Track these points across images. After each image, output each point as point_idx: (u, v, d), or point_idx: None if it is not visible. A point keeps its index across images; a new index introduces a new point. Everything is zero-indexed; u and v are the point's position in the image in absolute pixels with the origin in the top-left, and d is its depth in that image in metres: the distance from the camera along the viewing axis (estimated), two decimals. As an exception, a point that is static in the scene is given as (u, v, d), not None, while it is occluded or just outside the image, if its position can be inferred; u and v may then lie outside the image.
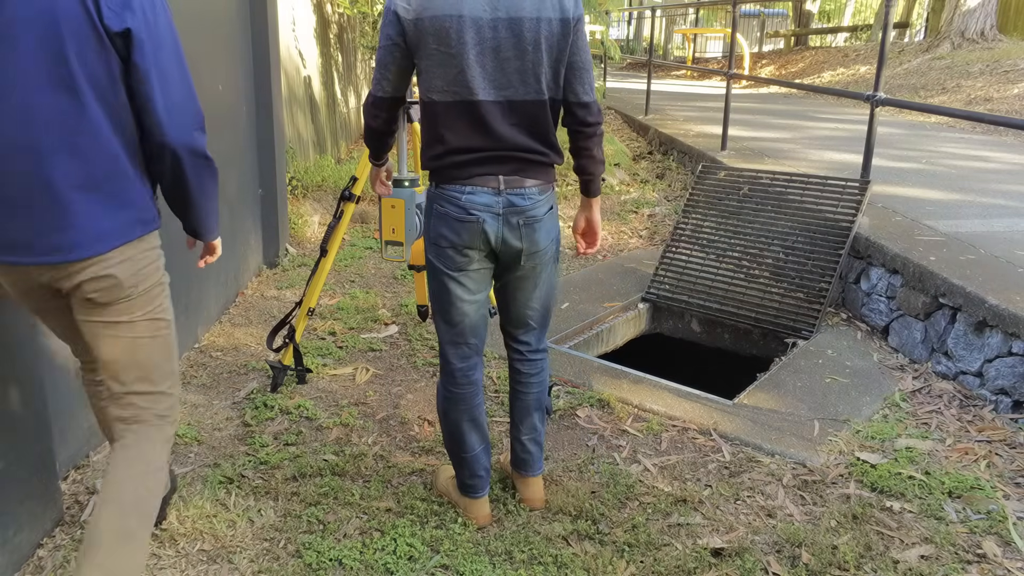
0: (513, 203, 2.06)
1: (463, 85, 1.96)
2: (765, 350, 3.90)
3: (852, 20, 21.85)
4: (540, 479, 2.43)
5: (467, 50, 1.93)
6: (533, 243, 2.11)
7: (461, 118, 2.00)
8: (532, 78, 1.99)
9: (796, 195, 4.26)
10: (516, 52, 1.96)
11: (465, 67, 1.94)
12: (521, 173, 2.06)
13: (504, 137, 2.02)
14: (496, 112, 2.00)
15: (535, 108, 2.03)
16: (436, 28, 1.92)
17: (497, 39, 1.94)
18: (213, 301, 3.69)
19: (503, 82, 1.98)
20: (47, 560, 2.10)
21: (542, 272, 2.19)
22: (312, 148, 6.54)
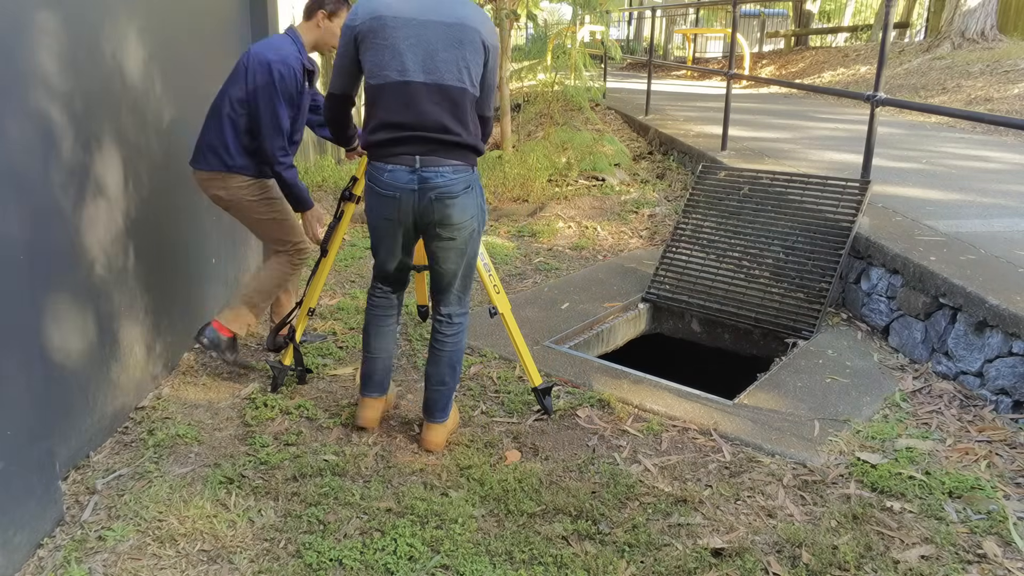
0: (428, 179, 2.37)
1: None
2: (765, 350, 3.90)
3: (852, 20, 21.85)
4: (439, 427, 2.71)
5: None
6: (447, 218, 2.42)
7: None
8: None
9: (796, 195, 4.26)
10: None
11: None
12: (437, 153, 2.37)
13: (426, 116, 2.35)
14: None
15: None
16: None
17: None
18: (214, 301, 3.69)
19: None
20: (47, 560, 2.10)
21: (462, 244, 2.49)
22: (312, 148, 6.54)
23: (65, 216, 2.38)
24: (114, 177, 2.67)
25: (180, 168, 3.25)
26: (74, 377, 2.44)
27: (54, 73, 2.29)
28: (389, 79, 2.33)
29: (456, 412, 2.86)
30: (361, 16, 2.34)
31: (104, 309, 2.62)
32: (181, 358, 3.32)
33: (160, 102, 3.05)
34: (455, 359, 2.69)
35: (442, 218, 2.43)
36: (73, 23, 2.40)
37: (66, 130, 2.36)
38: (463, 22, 2.34)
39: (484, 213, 2.54)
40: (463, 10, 2.36)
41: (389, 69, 2.33)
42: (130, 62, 2.78)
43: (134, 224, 2.82)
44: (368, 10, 2.33)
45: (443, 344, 2.66)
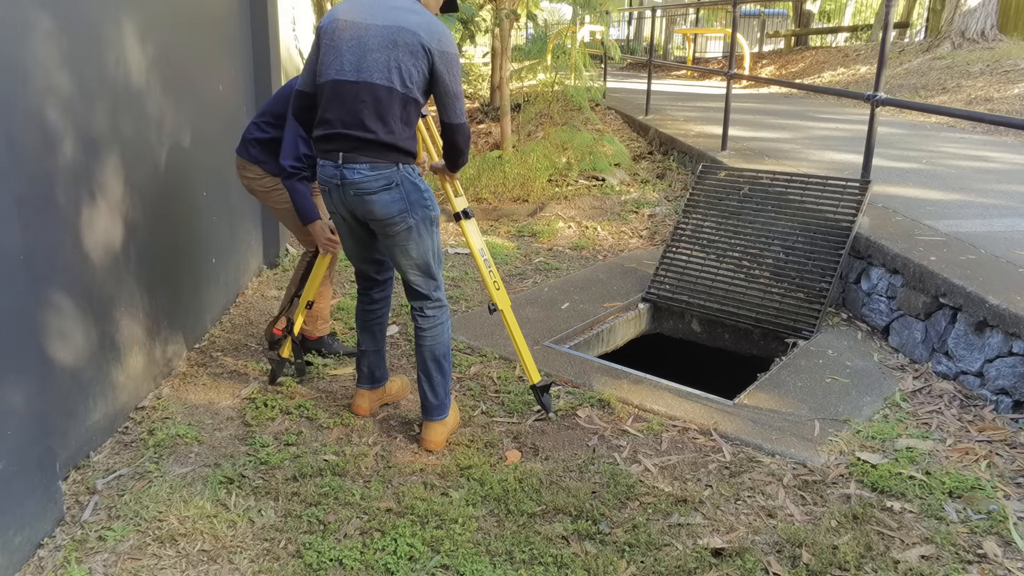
0: (346, 176, 2.46)
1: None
2: (765, 350, 3.90)
3: (852, 20, 21.85)
4: (435, 425, 2.73)
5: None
6: (370, 214, 2.49)
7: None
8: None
9: (796, 195, 4.26)
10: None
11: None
12: (357, 150, 2.45)
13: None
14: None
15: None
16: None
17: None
18: (214, 301, 3.69)
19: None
20: (47, 560, 2.10)
21: (403, 241, 2.54)
22: (312, 148, 6.53)
23: (65, 217, 2.38)
24: (114, 177, 2.67)
25: (180, 168, 3.25)
26: (74, 377, 2.44)
27: (54, 73, 2.29)
28: (327, 78, 2.45)
29: (456, 411, 2.87)
30: (326, 19, 2.49)
31: (104, 309, 2.62)
32: (181, 358, 3.32)
33: (160, 103, 3.05)
34: (436, 352, 2.70)
35: (365, 214, 2.52)
36: (73, 23, 2.40)
37: (66, 130, 2.36)
38: (401, 25, 2.41)
39: (424, 208, 2.54)
40: (406, 16, 2.43)
41: (329, 69, 2.44)
42: (130, 63, 2.78)
43: (134, 225, 2.82)
44: (331, 14, 2.48)
45: (421, 338, 2.71)
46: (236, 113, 4.02)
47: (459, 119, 2.53)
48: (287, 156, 3.00)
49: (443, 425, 2.74)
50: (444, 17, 5.32)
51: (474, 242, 2.84)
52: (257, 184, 3.24)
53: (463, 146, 2.59)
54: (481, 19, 8.05)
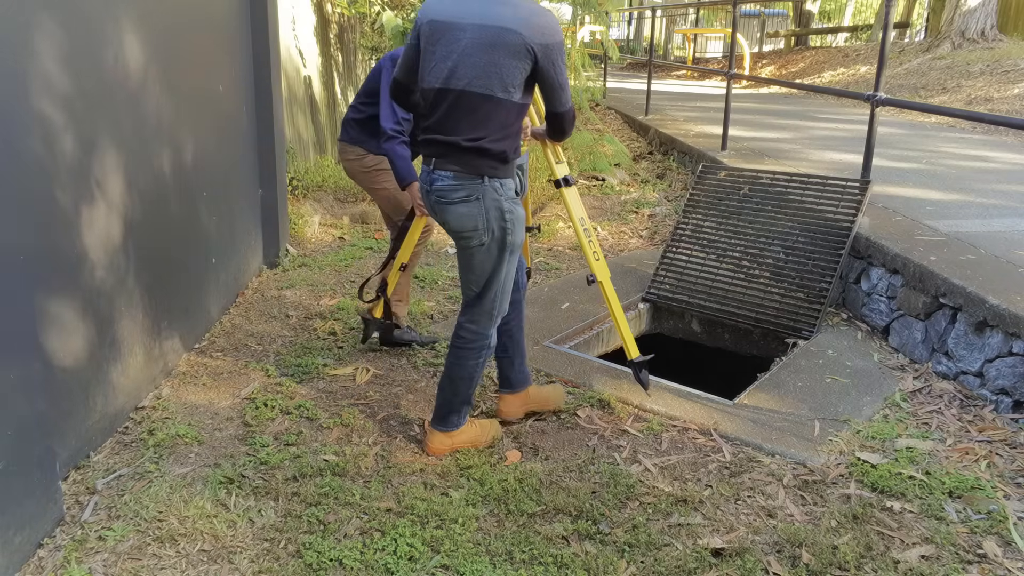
0: (432, 182, 2.43)
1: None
2: (765, 350, 3.90)
3: (852, 20, 21.85)
4: (433, 432, 2.67)
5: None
6: (447, 224, 2.46)
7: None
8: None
9: (796, 195, 4.25)
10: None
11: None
12: (444, 157, 2.40)
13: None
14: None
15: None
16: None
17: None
18: (214, 301, 3.69)
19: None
20: (47, 560, 2.10)
21: (471, 257, 2.49)
22: (312, 148, 6.54)
23: (65, 217, 2.38)
24: (114, 177, 2.67)
25: (180, 168, 3.25)
26: (74, 377, 2.44)
27: (54, 73, 2.29)
28: (426, 84, 2.39)
29: (475, 433, 2.73)
30: (423, 17, 2.38)
31: (104, 309, 2.62)
32: (181, 358, 3.32)
33: (160, 102, 3.04)
34: (454, 373, 2.60)
35: (443, 223, 2.48)
36: (73, 23, 2.40)
37: (66, 130, 2.36)
38: (500, 24, 2.25)
39: (503, 231, 2.43)
40: (503, 11, 2.27)
41: (428, 75, 2.38)
42: (130, 63, 2.78)
43: (134, 224, 2.82)
44: (428, 12, 2.37)
45: (450, 350, 2.62)
46: (236, 113, 4.02)
47: (564, 108, 2.46)
48: (386, 120, 3.05)
49: (445, 435, 2.67)
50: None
51: (574, 210, 2.80)
52: (358, 166, 3.33)
53: (568, 128, 2.54)
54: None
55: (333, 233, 5.50)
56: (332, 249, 5.10)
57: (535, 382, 3.23)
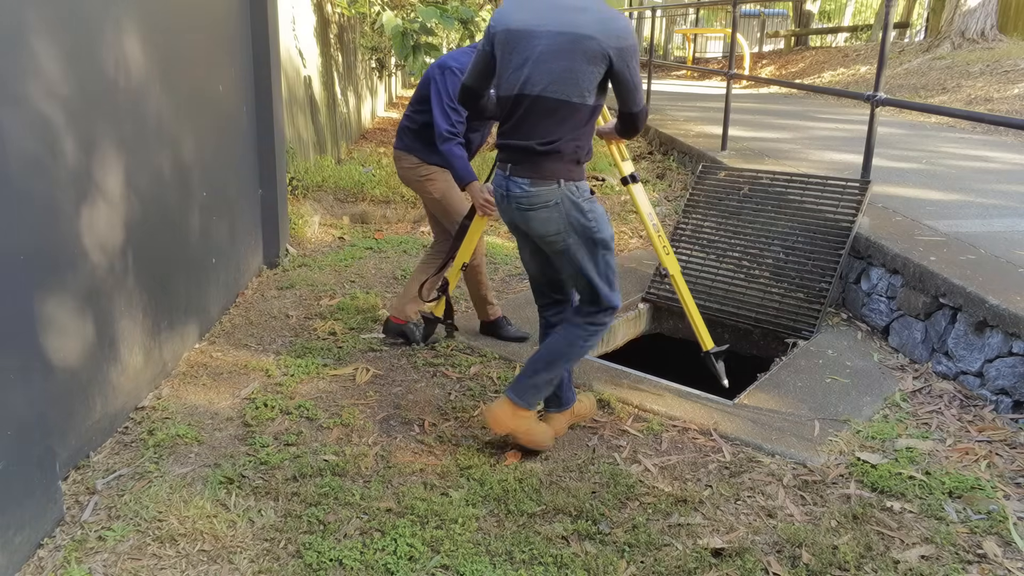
0: (510, 189, 2.45)
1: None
2: (765, 350, 3.90)
3: (852, 20, 21.85)
4: (504, 401, 2.59)
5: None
6: (530, 229, 2.49)
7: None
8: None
9: (796, 195, 4.26)
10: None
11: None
12: (522, 164, 2.42)
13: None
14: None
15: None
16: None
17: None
18: (213, 301, 3.69)
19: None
20: (47, 560, 2.10)
21: (563, 257, 2.51)
22: (312, 148, 6.54)
23: (65, 216, 2.38)
24: (113, 177, 2.67)
25: (180, 168, 3.25)
26: (74, 377, 2.44)
27: (54, 73, 2.29)
28: (503, 91, 2.42)
29: (549, 425, 2.73)
30: (498, 25, 2.41)
31: (104, 309, 2.62)
32: (181, 358, 3.32)
33: (160, 103, 3.05)
34: (553, 350, 2.59)
35: (527, 229, 2.51)
36: (73, 23, 2.40)
37: (65, 130, 2.36)
38: (578, 31, 2.27)
39: (587, 229, 2.45)
40: (579, 17, 2.29)
41: (505, 82, 2.41)
42: (130, 63, 2.78)
43: (134, 224, 2.82)
44: (503, 20, 2.40)
45: (563, 336, 2.61)
46: (236, 113, 4.02)
47: (639, 107, 2.49)
48: (441, 123, 3.13)
49: (514, 411, 2.58)
50: (443, 18, 5.32)
51: (643, 206, 2.87)
52: (412, 174, 3.40)
53: (640, 127, 2.58)
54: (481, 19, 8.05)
55: (333, 233, 5.50)
56: (332, 249, 5.10)
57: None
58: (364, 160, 7.14)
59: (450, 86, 3.17)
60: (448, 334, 3.39)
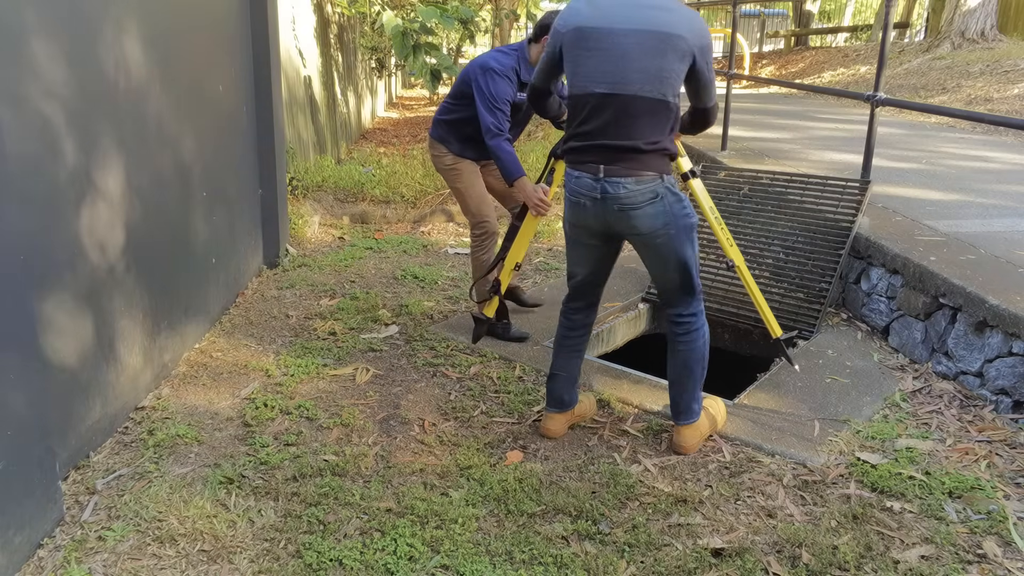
0: (609, 191, 2.43)
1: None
2: (765, 350, 3.90)
3: (852, 20, 21.85)
4: (683, 428, 2.70)
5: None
6: (632, 228, 2.47)
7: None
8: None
9: (796, 195, 4.25)
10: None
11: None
12: (620, 163, 2.41)
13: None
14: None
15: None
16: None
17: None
18: (213, 301, 3.69)
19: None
20: (47, 560, 2.10)
21: (663, 251, 2.53)
22: (312, 149, 6.54)
23: (65, 216, 2.38)
24: (114, 178, 2.67)
25: (180, 168, 3.25)
26: (74, 377, 2.44)
27: (53, 73, 2.29)
28: (584, 90, 2.40)
29: (712, 413, 2.81)
30: (567, 25, 2.42)
31: (104, 309, 2.62)
32: (181, 358, 3.32)
33: (160, 102, 3.05)
34: (689, 360, 2.67)
35: (627, 228, 2.49)
36: (73, 23, 2.40)
37: (65, 130, 2.36)
38: (666, 30, 2.31)
39: (685, 217, 2.51)
40: (664, 16, 2.33)
41: (584, 80, 2.39)
42: (130, 63, 2.78)
43: (134, 224, 2.82)
44: (572, 20, 2.41)
45: (675, 343, 2.69)
46: (236, 113, 4.02)
47: (713, 102, 2.56)
48: (488, 120, 3.25)
49: (693, 428, 2.70)
50: (443, 18, 5.32)
51: (704, 200, 2.95)
52: (439, 163, 3.56)
53: (712, 121, 2.64)
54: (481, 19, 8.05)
55: (333, 233, 5.51)
56: (332, 249, 5.10)
57: (537, 383, 3.24)
58: (364, 160, 7.14)
59: (492, 86, 3.27)
60: (503, 333, 3.45)
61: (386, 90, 12.84)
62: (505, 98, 3.31)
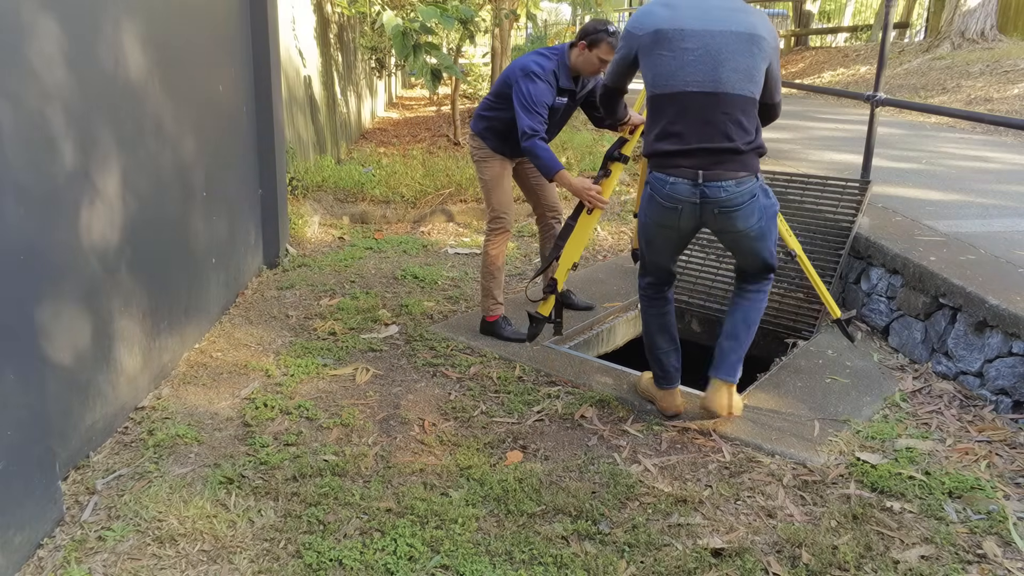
0: (708, 195, 2.46)
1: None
2: (765, 350, 3.90)
3: (852, 20, 21.84)
4: (725, 386, 2.79)
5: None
6: (728, 227, 2.54)
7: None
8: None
9: (796, 195, 4.25)
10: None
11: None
12: (720, 166, 2.45)
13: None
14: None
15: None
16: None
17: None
18: (213, 301, 3.69)
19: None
20: (47, 560, 2.10)
21: (754, 241, 2.62)
22: (312, 148, 6.54)
23: (65, 216, 2.38)
24: (114, 177, 2.67)
25: (180, 168, 3.25)
26: (74, 377, 2.44)
27: (54, 73, 2.29)
28: (671, 89, 2.42)
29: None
30: (643, 27, 2.47)
31: (103, 309, 2.62)
32: (181, 358, 3.32)
33: (160, 102, 3.05)
34: (750, 314, 2.77)
35: (723, 227, 2.55)
36: (73, 23, 2.40)
37: (65, 130, 2.36)
38: (752, 32, 2.40)
39: (772, 207, 2.61)
40: (748, 18, 2.41)
41: (671, 79, 2.41)
42: (130, 62, 2.78)
43: (134, 224, 2.82)
44: (650, 22, 2.45)
45: (742, 298, 2.78)
46: (236, 113, 4.02)
47: (780, 98, 2.67)
48: (525, 123, 3.30)
49: (730, 389, 2.80)
50: (443, 17, 5.32)
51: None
52: (475, 154, 3.68)
53: (778, 115, 2.72)
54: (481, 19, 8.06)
55: (333, 233, 5.51)
56: (332, 249, 5.10)
57: (537, 383, 3.24)
58: (364, 160, 7.14)
59: (531, 89, 3.34)
60: (556, 332, 3.48)
61: (386, 90, 12.85)
62: (544, 101, 3.36)
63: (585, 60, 3.40)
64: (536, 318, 3.35)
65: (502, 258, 3.64)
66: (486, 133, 3.62)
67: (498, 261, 3.63)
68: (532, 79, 3.34)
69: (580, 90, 3.56)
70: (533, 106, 3.32)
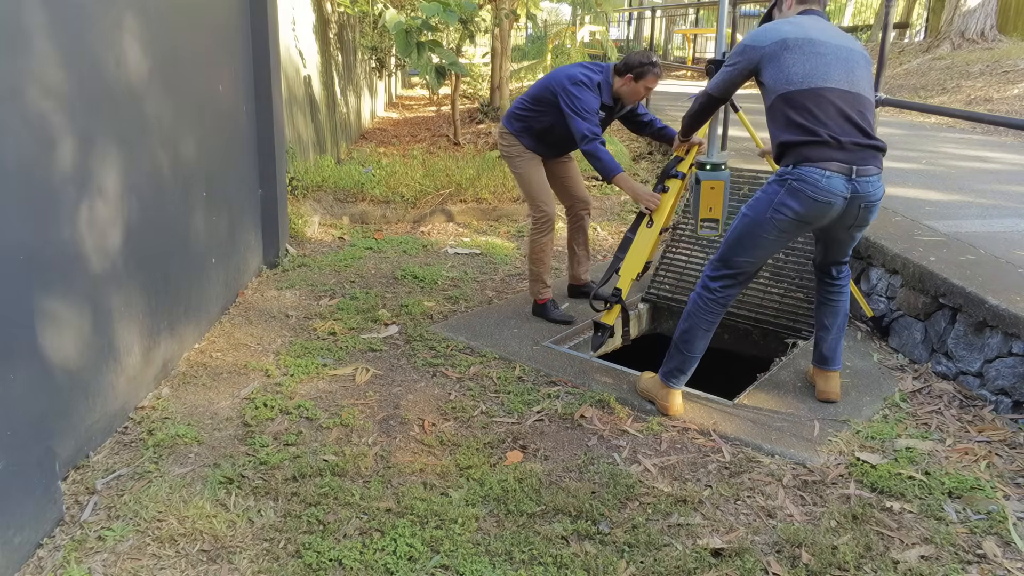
0: (859, 190, 2.56)
1: None
2: (765, 350, 3.90)
3: (852, 20, 21.84)
4: (834, 375, 3.05)
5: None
6: (864, 221, 2.68)
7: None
8: None
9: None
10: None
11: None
12: (868, 162, 2.56)
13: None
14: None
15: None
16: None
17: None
18: (213, 301, 3.69)
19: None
20: (47, 560, 2.10)
21: (859, 232, 2.76)
22: (312, 148, 6.54)
23: (65, 216, 2.38)
24: (114, 177, 2.67)
25: (180, 168, 3.25)
26: (74, 377, 2.44)
27: (54, 73, 2.29)
28: (814, 85, 2.51)
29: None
30: (767, 39, 2.61)
31: (104, 309, 2.62)
32: (181, 358, 3.32)
33: (160, 102, 3.04)
34: (845, 307, 3.00)
35: (857, 221, 2.64)
36: (73, 23, 2.40)
37: (65, 130, 2.36)
38: (863, 52, 2.65)
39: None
40: (856, 43, 2.65)
41: (810, 76, 2.52)
42: (130, 62, 2.78)
43: (134, 224, 2.82)
44: (774, 35, 2.61)
45: (836, 294, 2.96)
46: (236, 113, 4.02)
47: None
48: (582, 128, 3.43)
49: (839, 376, 3.05)
50: (445, 14, 5.32)
51: None
52: (507, 151, 3.81)
53: None
54: (481, 19, 8.06)
55: (333, 233, 5.51)
56: (332, 249, 5.10)
57: (537, 383, 3.24)
58: (364, 160, 7.14)
59: (581, 95, 3.47)
60: (625, 341, 3.52)
61: (386, 90, 12.84)
62: (593, 107, 3.49)
63: (631, 90, 3.57)
64: (601, 326, 3.40)
65: (551, 247, 3.83)
66: (521, 133, 3.73)
67: (547, 249, 3.82)
68: (581, 87, 3.48)
69: (619, 111, 3.73)
70: (586, 111, 3.44)
